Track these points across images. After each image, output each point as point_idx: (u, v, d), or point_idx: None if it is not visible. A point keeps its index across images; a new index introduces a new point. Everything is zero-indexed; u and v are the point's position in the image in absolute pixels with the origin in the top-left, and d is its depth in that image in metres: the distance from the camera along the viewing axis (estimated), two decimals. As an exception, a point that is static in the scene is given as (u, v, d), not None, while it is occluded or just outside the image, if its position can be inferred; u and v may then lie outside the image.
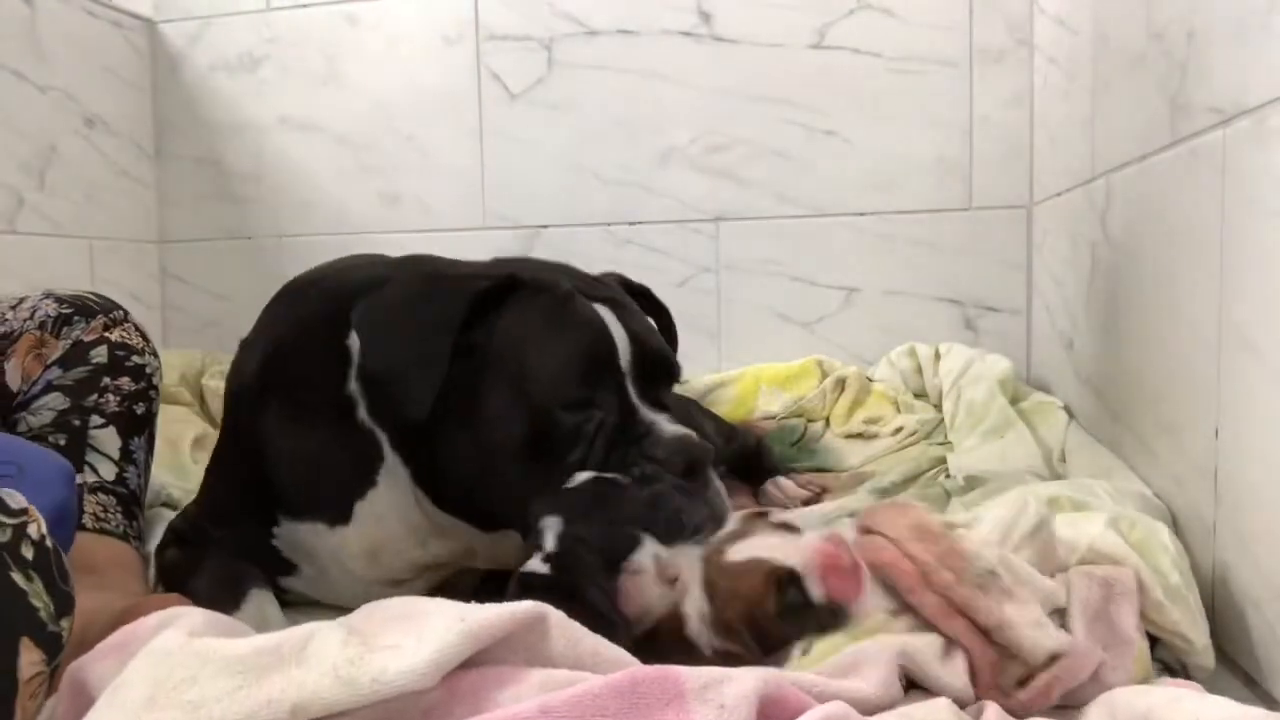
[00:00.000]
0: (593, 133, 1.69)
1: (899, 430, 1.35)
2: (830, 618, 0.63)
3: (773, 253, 1.65)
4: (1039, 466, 1.12)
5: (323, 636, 0.53)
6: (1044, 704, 0.61)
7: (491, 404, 0.78)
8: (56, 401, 0.93)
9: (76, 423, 0.92)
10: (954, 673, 0.61)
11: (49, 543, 0.54)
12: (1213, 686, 0.71)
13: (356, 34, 1.78)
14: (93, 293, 1.00)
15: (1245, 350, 0.74)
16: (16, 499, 0.53)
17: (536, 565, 0.69)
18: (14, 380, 0.92)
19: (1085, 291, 1.20)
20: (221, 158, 1.86)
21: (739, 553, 0.67)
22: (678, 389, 1.43)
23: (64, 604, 0.54)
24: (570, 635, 0.55)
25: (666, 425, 0.80)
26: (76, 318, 0.95)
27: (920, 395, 1.46)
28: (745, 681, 0.49)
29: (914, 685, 0.62)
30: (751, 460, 1.25)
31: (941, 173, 1.58)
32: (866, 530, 0.70)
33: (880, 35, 1.58)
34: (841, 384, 1.45)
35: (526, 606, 0.54)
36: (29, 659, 0.52)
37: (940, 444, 1.31)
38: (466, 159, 1.73)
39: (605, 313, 0.81)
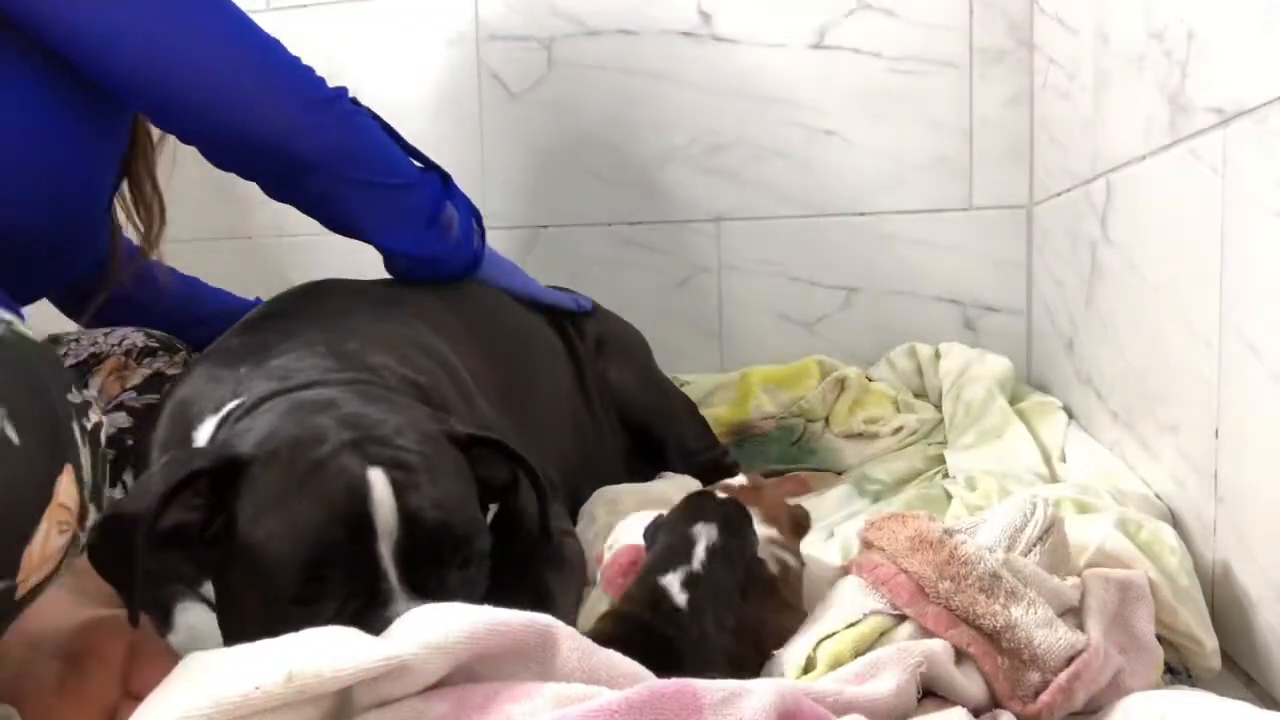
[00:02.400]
0: (593, 133, 1.69)
1: (899, 430, 1.35)
2: None
3: (773, 253, 1.65)
4: (1038, 466, 1.12)
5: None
6: (1067, 706, 0.59)
7: (227, 596, 0.68)
8: (120, 419, 0.95)
9: (129, 442, 0.94)
10: (970, 679, 0.60)
11: (103, 434, 0.55)
12: (1213, 686, 0.71)
13: (356, 34, 1.78)
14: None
15: (1245, 350, 0.74)
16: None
17: None
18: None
19: (1085, 291, 1.20)
20: (221, 158, 1.85)
21: None
22: (688, 390, 1.43)
23: (98, 492, 0.54)
24: (583, 649, 0.54)
25: None
26: (160, 351, 1.02)
27: (920, 395, 1.46)
28: (764, 696, 0.49)
29: (928, 694, 0.61)
30: (716, 476, 1.22)
31: (941, 173, 1.58)
32: (867, 545, 0.70)
33: (880, 35, 1.58)
34: (841, 384, 1.45)
35: (536, 616, 0.54)
36: (67, 484, 0.50)
37: (939, 444, 1.31)
38: (466, 159, 1.72)
39: (377, 478, 0.67)
